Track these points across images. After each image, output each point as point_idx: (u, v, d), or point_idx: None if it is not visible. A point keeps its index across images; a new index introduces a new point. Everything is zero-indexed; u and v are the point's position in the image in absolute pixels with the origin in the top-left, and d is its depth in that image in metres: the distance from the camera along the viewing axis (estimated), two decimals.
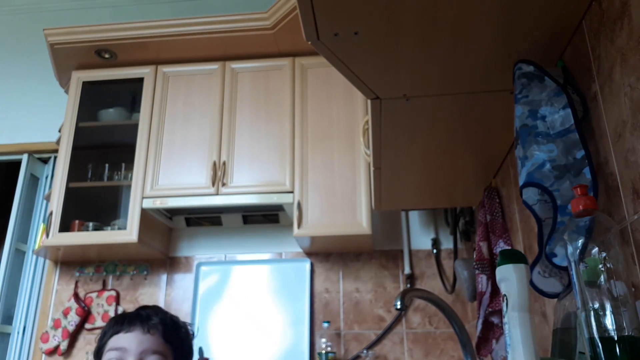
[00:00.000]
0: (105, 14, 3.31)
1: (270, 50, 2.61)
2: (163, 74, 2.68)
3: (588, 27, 0.98)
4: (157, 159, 2.53)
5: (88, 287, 2.74)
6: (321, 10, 0.92)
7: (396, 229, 2.65)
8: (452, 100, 1.26)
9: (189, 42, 2.57)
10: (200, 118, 2.58)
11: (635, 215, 0.83)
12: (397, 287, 2.56)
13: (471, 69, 1.13)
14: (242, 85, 2.62)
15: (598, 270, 0.73)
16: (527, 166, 0.97)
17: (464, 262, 2.04)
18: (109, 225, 2.57)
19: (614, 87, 0.88)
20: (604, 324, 0.70)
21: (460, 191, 1.88)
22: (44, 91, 3.20)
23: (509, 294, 0.77)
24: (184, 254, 2.75)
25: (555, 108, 0.98)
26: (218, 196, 2.43)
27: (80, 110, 2.68)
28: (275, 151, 2.47)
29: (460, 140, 1.46)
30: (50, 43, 2.60)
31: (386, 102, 1.26)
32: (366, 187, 2.35)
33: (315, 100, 2.53)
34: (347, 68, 1.11)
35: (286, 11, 2.39)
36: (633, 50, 0.81)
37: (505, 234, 1.61)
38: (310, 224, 2.33)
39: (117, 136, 2.76)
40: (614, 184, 0.91)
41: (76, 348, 2.64)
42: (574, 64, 1.05)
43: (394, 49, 1.04)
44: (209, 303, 2.60)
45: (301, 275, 2.59)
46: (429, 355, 2.44)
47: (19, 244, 2.93)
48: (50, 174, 3.07)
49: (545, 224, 1.01)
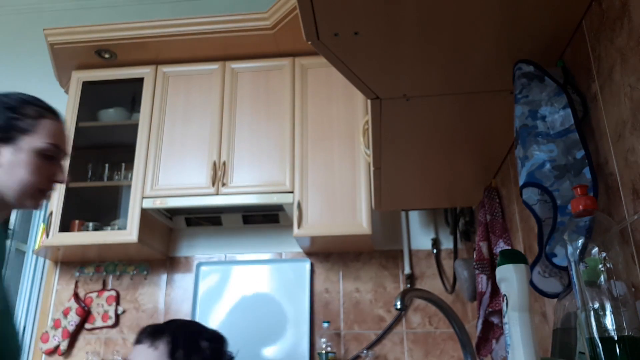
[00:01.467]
0: (105, 14, 3.31)
1: (270, 50, 2.61)
2: (163, 74, 2.68)
3: (588, 27, 0.98)
4: (157, 159, 2.53)
5: (88, 287, 2.74)
6: (321, 10, 0.92)
7: (396, 229, 2.65)
8: (452, 100, 1.26)
9: (189, 42, 2.57)
10: (200, 118, 2.58)
11: (635, 215, 0.83)
12: (397, 287, 2.56)
13: (471, 69, 1.13)
14: (242, 85, 2.62)
15: (598, 270, 0.73)
16: (527, 166, 0.97)
17: (464, 262, 2.05)
18: (109, 225, 2.57)
19: (614, 87, 0.89)
20: (604, 324, 0.70)
21: (460, 191, 1.88)
22: (44, 91, 3.18)
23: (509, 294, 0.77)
24: (184, 254, 2.75)
25: (555, 108, 0.98)
26: (218, 196, 2.43)
27: (80, 110, 2.68)
28: (275, 151, 2.47)
29: (460, 140, 1.46)
30: (50, 43, 2.60)
31: (386, 102, 1.26)
32: (366, 187, 2.35)
33: (315, 100, 2.53)
34: (347, 68, 1.11)
35: (286, 11, 2.39)
36: (633, 50, 0.81)
37: (505, 234, 1.61)
38: (310, 224, 2.33)
39: (117, 136, 2.76)
40: (614, 184, 0.91)
41: (76, 348, 2.64)
42: (574, 64, 1.06)
43: (394, 49, 1.04)
44: (209, 303, 2.60)
45: (301, 275, 2.59)
46: (429, 355, 2.44)
47: (19, 244, 2.93)
48: None
49: (545, 224, 1.01)
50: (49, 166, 1.14)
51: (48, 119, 1.15)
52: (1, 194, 1.11)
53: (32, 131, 1.12)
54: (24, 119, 1.12)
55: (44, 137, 1.12)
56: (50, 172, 1.14)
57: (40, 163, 1.12)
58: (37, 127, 1.12)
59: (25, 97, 1.16)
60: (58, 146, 1.15)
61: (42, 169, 1.12)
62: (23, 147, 1.10)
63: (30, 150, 1.11)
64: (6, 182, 1.10)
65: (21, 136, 1.11)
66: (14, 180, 1.10)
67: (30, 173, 1.10)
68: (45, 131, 1.13)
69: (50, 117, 1.16)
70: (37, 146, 1.11)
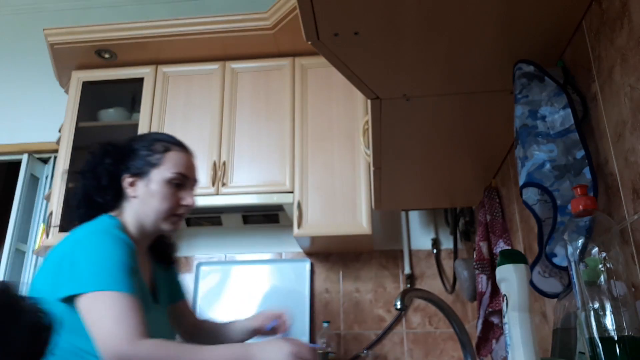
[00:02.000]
0: (105, 14, 3.31)
1: (270, 50, 2.61)
2: (163, 74, 2.68)
3: (588, 27, 0.98)
4: None
5: None
6: (321, 10, 0.92)
7: (396, 229, 2.65)
8: (452, 100, 1.26)
9: (188, 42, 2.57)
10: (200, 118, 2.58)
11: (635, 215, 0.83)
12: (397, 287, 2.56)
13: (471, 69, 1.13)
14: (242, 85, 2.62)
15: (598, 270, 0.73)
16: (527, 166, 0.97)
17: (464, 262, 2.04)
18: None
19: (614, 87, 0.89)
20: (604, 324, 0.70)
21: (460, 191, 1.88)
22: (44, 91, 3.20)
23: (509, 294, 0.77)
24: (184, 254, 2.75)
25: (555, 108, 0.98)
26: (218, 196, 2.43)
27: (80, 110, 2.68)
28: (275, 151, 2.47)
29: (460, 140, 1.46)
30: (50, 43, 2.60)
31: (386, 102, 1.26)
32: (366, 187, 2.35)
33: (315, 100, 2.53)
34: (347, 68, 1.11)
35: (286, 11, 2.39)
36: (633, 50, 0.81)
37: (505, 234, 1.61)
38: (310, 224, 2.33)
39: (117, 136, 2.70)
40: (614, 184, 0.91)
41: None
42: (574, 64, 1.06)
43: (394, 49, 1.04)
44: (209, 303, 2.59)
45: (301, 275, 2.59)
46: (429, 355, 2.44)
47: (19, 244, 2.93)
48: (50, 174, 3.07)
49: (545, 224, 1.01)
50: (177, 192, 1.31)
51: (174, 151, 1.33)
52: (141, 222, 1.29)
53: (160, 164, 1.30)
54: (154, 154, 1.30)
55: (170, 167, 1.30)
56: (179, 198, 1.31)
57: (169, 191, 1.29)
58: (164, 160, 1.30)
59: (156, 136, 1.37)
60: (184, 174, 1.31)
61: (171, 196, 1.29)
62: (153, 178, 1.28)
63: (160, 181, 1.28)
64: (144, 211, 1.28)
65: (152, 170, 1.29)
66: (149, 208, 1.27)
67: (161, 200, 1.27)
68: (172, 162, 1.31)
69: (175, 150, 1.34)
70: (165, 176, 1.29)
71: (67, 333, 1.08)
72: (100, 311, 1.08)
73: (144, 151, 1.31)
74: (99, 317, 1.07)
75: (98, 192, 1.29)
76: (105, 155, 1.32)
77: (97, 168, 1.31)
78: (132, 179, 1.29)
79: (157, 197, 1.27)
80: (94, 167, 1.32)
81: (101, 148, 1.34)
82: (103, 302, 1.08)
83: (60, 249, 1.20)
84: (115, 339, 1.04)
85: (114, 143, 1.36)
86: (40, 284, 1.18)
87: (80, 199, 1.32)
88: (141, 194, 1.28)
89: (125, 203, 1.30)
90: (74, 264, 1.13)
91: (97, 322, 1.07)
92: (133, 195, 1.29)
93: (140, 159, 1.30)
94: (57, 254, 1.19)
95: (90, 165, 1.33)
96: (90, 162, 1.33)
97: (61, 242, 1.21)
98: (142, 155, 1.30)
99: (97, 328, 1.07)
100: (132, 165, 1.30)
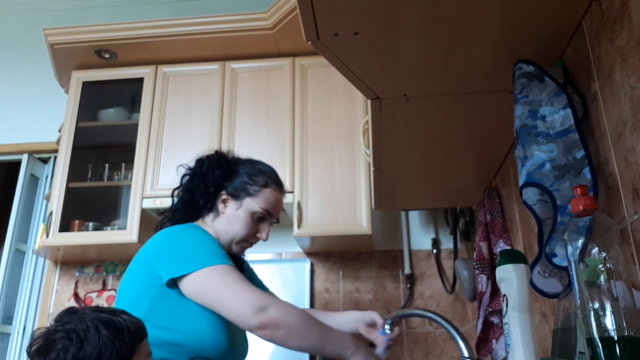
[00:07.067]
0: (105, 14, 3.31)
1: (270, 50, 2.61)
2: (163, 74, 2.68)
3: (588, 27, 0.98)
4: (157, 159, 2.53)
5: (88, 287, 2.74)
6: (321, 10, 0.92)
7: (396, 229, 2.65)
8: (452, 100, 1.26)
9: (189, 42, 2.57)
10: (200, 118, 2.58)
11: (635, 215, 0.83)
12: (397, 287, 2.56)
13: (471, 69, 1.13)
14: (242, 85, 2.62)
15: (598, 270, 0.73)
16: (527, 166, 0.97)
17: (464, 262, 2.04)
18: (109, 225, 2.57)
19: (614, 87, 0.88)
20: (604, 324, 0.70)
21: (460, 191, 1.88)
22: (44, 91, 3.20)
23: (509, 294, 0.77)
24: None
25: (555, 108, 0.98)
26: None
27: (80, 110, 2.68)
28: (275, 151, 2.47)
29: (460, 140, 1.46)
30: (50, 43, 2.60)
31: (386, 102, 1.26)
32: (366, 187, 2.35)
33: (315, 100, 2.53)
34: (347, 68, 1.11)
35: (286, 11, 2.39)
36: (633, 50, 0.81)
37: (505, 234, 1.61)
38: (310, 224, 2.33)
39: (117, 136, 2.76)
40: (614, 184, 0.91)
41: None
42: (574, 64, 1.05)
43: (394, 49, 1.04)
44: None
45: (301, 275, 2.59)
46: (429, 355, 2.44)
47: (19, 244, 2.93)
48: (50, 174, 3.07)
49: (545, 224, 1.01)
50: (257, 225, 1.40)
51: (270, 188, 1.42)
52: (217, 236, 1.38)
53: (255, 196, 1.39)
54: (254, 185, 1.40)
55: (261, 203, 1.39)
56: (257, 230, 1.41)
57: (252, 222, 1.38)
58: (260, 194, 1.39)
59: (262, 167, 1.45)
60: (269, 212, 1.40)
61: (252, 226, 1.39)
62: (244, 206, 1.38)
63: (248, 210, 1.38)
64: (224, 229, 1.38)
65: (246, 197, 1.39)
66: (230, 229, 1.37)
67: (243, 227, 1.37)
68: (264, 198, 1.40)
69: (272, 188, 1.42)
70: (254, 209, 1.38)
71: (151, 328, 1.08)
72: (225, 284, 1.18)
73: (247, 178, 1.41)
74: (225, 291, 1.17)
75: (202, 194, 1.40)
76: (218, 166, 1.42)
77: (209, 174, 1.40)
78: (227, 197, 1.40)
79: (241, 223, 1.37)
80: (206, 172, 1.41)
81: (217, 158, 1.44)
82: (220, 275, 1.18)
83: (157, 240, 1.28)
84: (251, 309, 1.15)
85: (228, 159, 1.46)
86: (135, 273, 1.27)
87: (185, 193, 1.42)
88: (228, 214, 1.38)
89: (211, 214, 1.40)
90: (180, 248, 1.24)
91: (225, 296, 1.17)
92: (222, 211, 1.39)
93: (241, 183, 1.40)
94: (153, 244, 1.28)
95: (205, 168, 1.42)
96: (206, 165, 1.42)
97: (155, 237, 1.30)
98: (244, 181, 1.40)
99: (229, 302, 1.17)
100: (232, 186, 1.40)
